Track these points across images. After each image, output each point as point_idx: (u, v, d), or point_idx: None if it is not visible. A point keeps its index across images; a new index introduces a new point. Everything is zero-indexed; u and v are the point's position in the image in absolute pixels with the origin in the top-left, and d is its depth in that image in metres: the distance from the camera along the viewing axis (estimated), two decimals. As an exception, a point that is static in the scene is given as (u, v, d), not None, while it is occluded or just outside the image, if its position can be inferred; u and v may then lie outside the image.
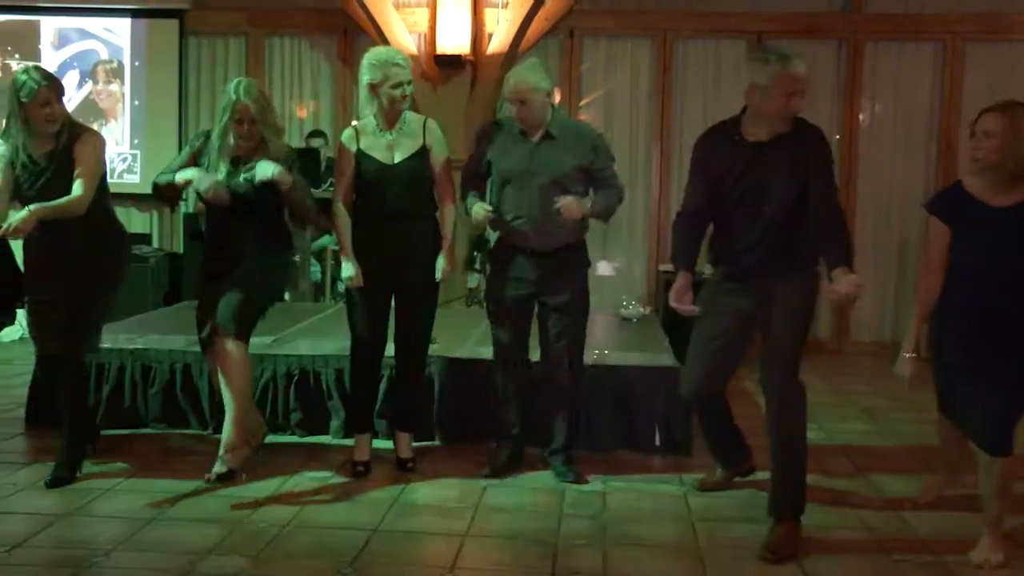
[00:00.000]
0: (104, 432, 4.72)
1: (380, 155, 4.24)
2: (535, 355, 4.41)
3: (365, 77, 4.18)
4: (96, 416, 4.82)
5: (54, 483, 4.08)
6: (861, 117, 7.98)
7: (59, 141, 4.03)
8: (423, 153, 4.26)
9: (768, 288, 3.65)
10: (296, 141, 7.97)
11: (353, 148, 4.27)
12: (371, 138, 4.26)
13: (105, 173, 4.21)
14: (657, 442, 4.74)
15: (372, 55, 4.25)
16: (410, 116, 4.31)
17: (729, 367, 3.95)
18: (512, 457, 4.41)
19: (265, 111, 4.08)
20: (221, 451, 4.10)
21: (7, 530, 3.63)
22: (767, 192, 3.61)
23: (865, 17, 7.87)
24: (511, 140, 4.20)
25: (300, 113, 8.50)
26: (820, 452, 4.52)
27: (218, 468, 4.06)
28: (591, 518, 3.90)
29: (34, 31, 8.45)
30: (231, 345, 4.05)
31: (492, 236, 4.46)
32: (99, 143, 4.17)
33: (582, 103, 8.17)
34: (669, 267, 7.61)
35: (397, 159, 4.24)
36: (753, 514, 3.88)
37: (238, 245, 4.16)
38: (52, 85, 4.01)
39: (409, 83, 4.19)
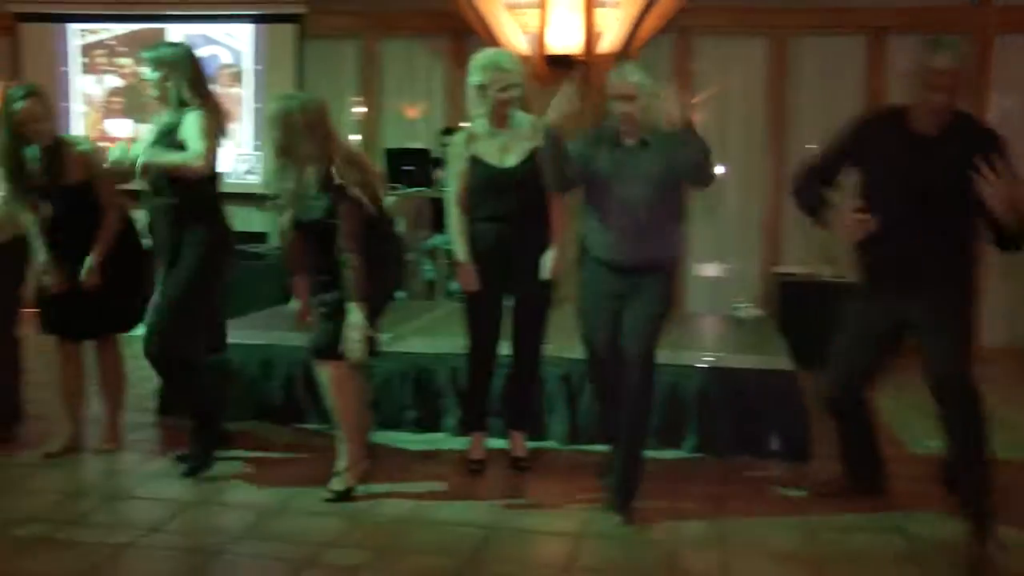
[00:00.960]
0: (230, 424, 4.86)
1: (492, 158, 4.26)
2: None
3: (474, 79, 4.20)
4: (224, 409, 4.98)
5: (189, 472, 4.26)
6: (991, 112, 7.74)
7: None
8: (535, 154, 4.22)
9: (928, 290, 3.58)
10: (424, 141, 8.15)
11: (465, 153, 4.30)
12: (483, 141, 4.27)
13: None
14: (774, 447, 4.70)
15: (480, 57, 4.26)
16: (521, 117, 4.30)
17: (874, 369, 3.88)
18: None
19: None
20: (339, 468, 4.13)
21: (143, 515, 3.82)
22: (931, 189, 3.49)
23: (994, 10, 7.64)
24: (607, 145, 4.01)
25: (411, 113, 8.65)
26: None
27: (336, 485, 4.08)
28: (708, 521, 3.89)
29: (161, 39, 8.80)
30: (321, 371, 4.09)
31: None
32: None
33: (693, 101, 8.12)
34: (783, 269, 7.61)
35: (510, 162, 4.25)
36: (879, 523, 3.84)
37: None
38: None
39: (518, 86, 4.19)
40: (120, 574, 3.30)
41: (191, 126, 4.04)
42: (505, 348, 4.49)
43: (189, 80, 4.09)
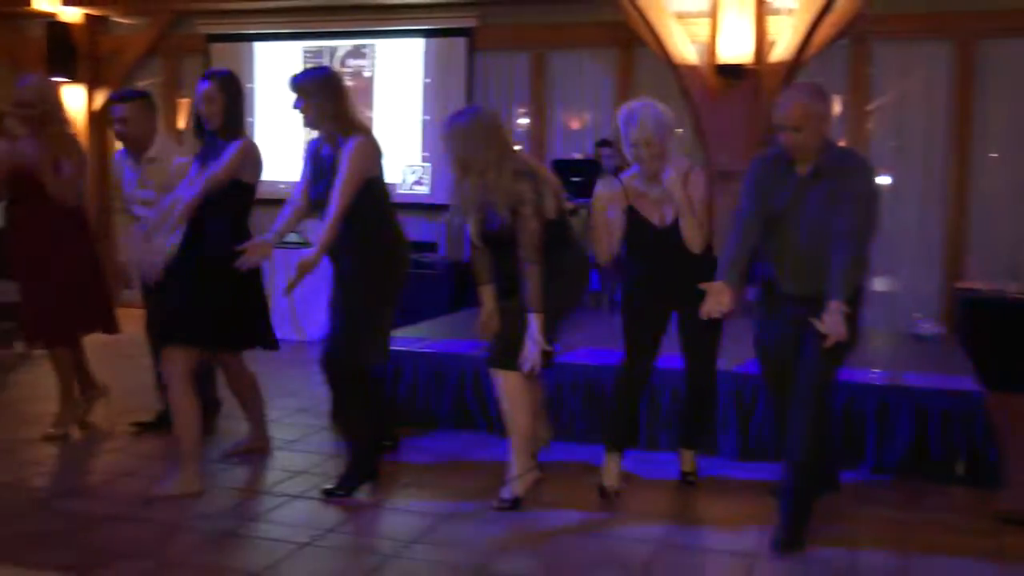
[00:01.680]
0: (400, 429, 4.98)
1: (650, 215, 4.13)
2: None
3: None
4: (391, 417, 5.10)
5: (330, 493, 4.17)
6: None
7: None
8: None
9: None
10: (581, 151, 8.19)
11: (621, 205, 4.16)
12: (638, 192, 4.14)
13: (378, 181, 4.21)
14: (959, 471, 4.48)
15: (623, 108, 4.10)
16: (675, 163, 4.11)
17: None
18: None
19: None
20: (510, 476, 4.11)
21: (319, 516, 3.93)
22: None
23: None
24: (780, 174, 3.83)
25: (575, 124, 8.68)
26: None
27: (506, 494, 4.07)
28: (888, 551, 3.70)
29: (330, 53, 9.15)
30: (496, 379, 4.10)
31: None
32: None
33: (869, 107, 7.87)
34: (966, 284, 7.28)
35: (663, 221, 4.12)
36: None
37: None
38: None
39: (647, 143, 3.97)
40: (298, 572, 3.40)
41: (345, 159, 4.02)
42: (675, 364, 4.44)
43: (332, 106, 4.08)
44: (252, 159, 4.33)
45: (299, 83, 4.11)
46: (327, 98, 4.07)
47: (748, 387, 4.71)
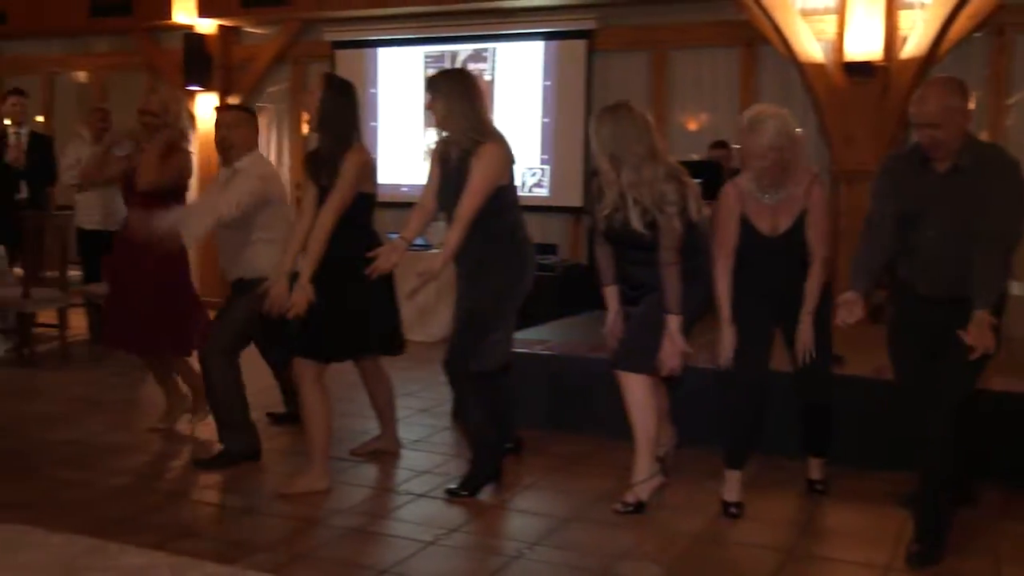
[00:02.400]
0: (523, 432, 4.98)
1: (760, 223, 4.05)
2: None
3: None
4: (513, 419, 5.12)
5: (453, 492, 4.23)
6: None
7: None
8: (803, 219, 4.01)
9: None
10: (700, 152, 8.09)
11: (736, 213, 4.08)
12: (752, 198, 4.07)
13: (508, 188, 4.22)
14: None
15: (745, 114, 4.05)
16: (798, 175, 4.02)
17: None
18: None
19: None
20: (634, 480, 4.11)
21: (444, 515, 3.98)
22: None
23: None
24: (914, 170, 3.71)
25: (693, 126, 8.59)
26: None
27: (629, 497, 4.07)
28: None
29: (451, 57, 9.26)
30: (622, 382, 4.09)
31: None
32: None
33: (1010, 101, 7.56)
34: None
35: (776, 230, 4.04)
36: None
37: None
38: None
39: (764, 155, 3.89)
40: (424, 570, 3.45)
41: (477, 167, 4.04)
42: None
43: (463, 106, 4.09)
44: (368, 170, 4.31)
45: (433, 80, 4.17)
46: (459, 97, 4.09)
47: (875, 393, 4.60)
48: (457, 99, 4.09)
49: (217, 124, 4.72)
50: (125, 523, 3.78)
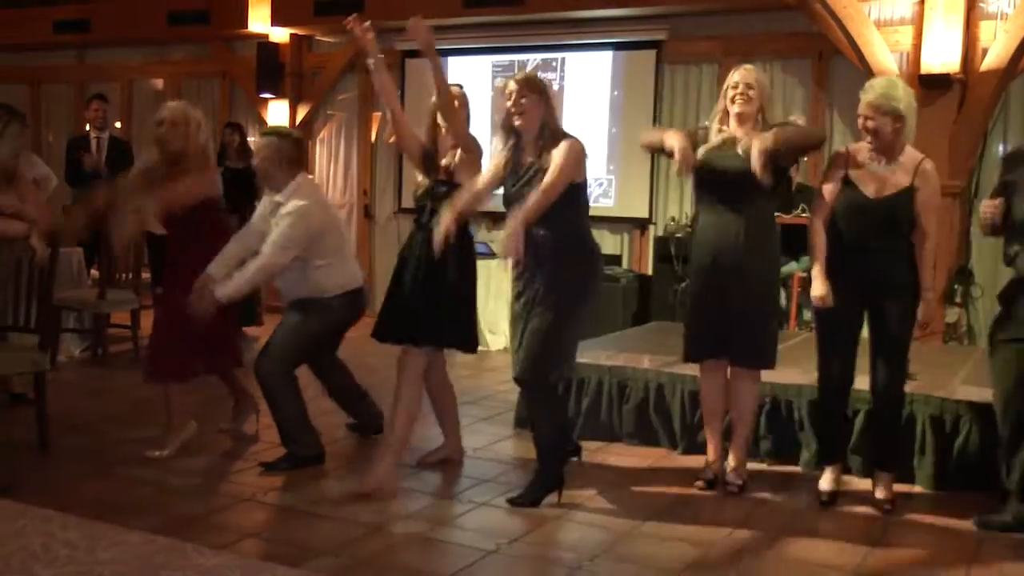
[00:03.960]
0: (583, 442, 5.02)
1: (865, 187, 4.21)
2: None
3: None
4: (575, 429, 5.16)
5: (516, 501, 4.25)
6: None
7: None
8: (909, 193, 4.17)
9: None
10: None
11: (840, 173, 4.27)
12: (862, 167, 4.26)
13: (583, 187, 4.26)
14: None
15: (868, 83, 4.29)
16: (909, 152, 4.23)
17: None
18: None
19: None
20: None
21: (505, 525, 4.01)
22: None
23: None
24: None
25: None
26: None
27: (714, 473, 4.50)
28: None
29: (520, 67, 9.32)
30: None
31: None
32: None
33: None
34: None
35: (880, 194, 4.20)
36: None
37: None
38: None
39: (861, 114, 4.17)
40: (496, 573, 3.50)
41: (559, 155, 4.08)
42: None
43: (547, 109, 4.17)
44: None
45: (525, 77, 4.23)
46: (545, 99, 4.19)
47: (949, 409, 4.55)
48: (543, 99, 4.18)
49: (255, 152, 4.74)
50: (196, 523, 3.88)
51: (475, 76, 9.39)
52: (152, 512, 3.96)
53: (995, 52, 6.68)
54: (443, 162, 4.58)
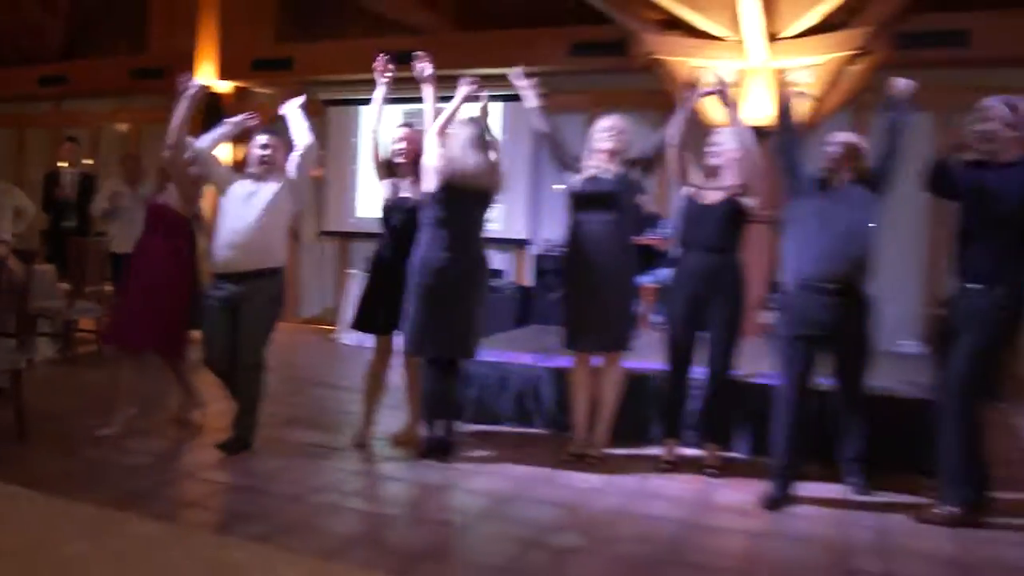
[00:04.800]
0: (473, 426, 5.01)
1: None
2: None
3: None
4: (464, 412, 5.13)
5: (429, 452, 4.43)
6: None
7: None
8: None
9: None
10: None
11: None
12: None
13: None
14: (928, 465, 4.29)
15: None
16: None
17: None
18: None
19: None
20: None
21: (404, 494, 3.99)
22: None
23: None
24: None
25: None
26: None
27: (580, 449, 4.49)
28: (877, 531, 3.66)
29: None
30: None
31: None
32: None
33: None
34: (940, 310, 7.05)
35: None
36: None
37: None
38: None
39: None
40: (395, 536, 3.46)
41: None
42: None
43: None
44: None
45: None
46: None
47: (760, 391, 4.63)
48: None
49: (265, 145, 4.65)
50: (143, 496, 3.74)
51: (388, 123, 9.27)
52: (106, 487, 3.81)
53: (797, 111, 6.88)
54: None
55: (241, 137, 4.99)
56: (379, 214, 4.74)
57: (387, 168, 4.76)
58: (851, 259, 3.92)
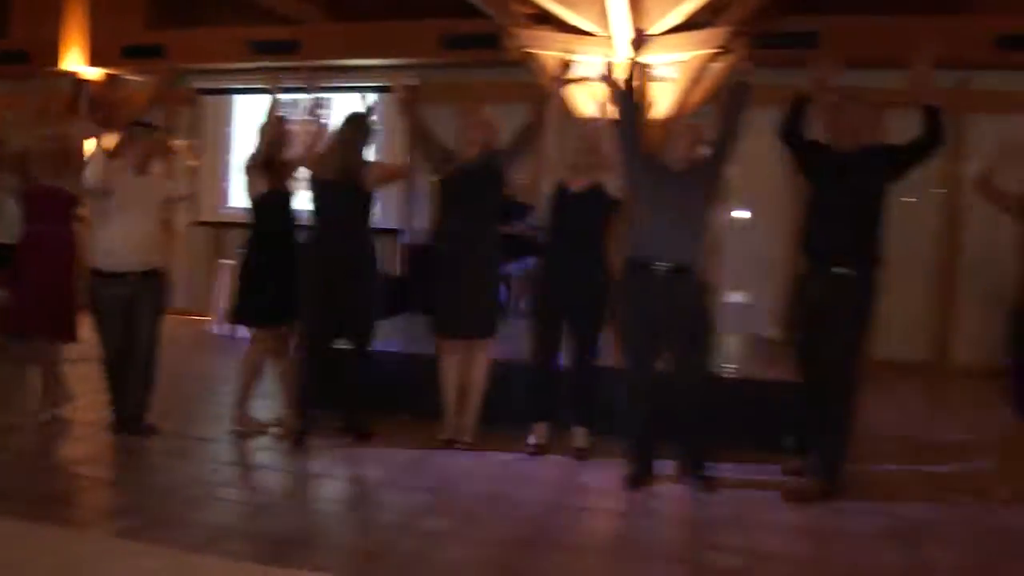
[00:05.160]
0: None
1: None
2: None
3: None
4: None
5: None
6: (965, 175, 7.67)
7: None
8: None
9: None
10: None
11: None
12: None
13: None
14: (787, 443, 4.61)
15: None
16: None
17: None
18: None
19: None
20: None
21: (274, 483, 3.99)
22: None
23: (968, 93, 7.43)
24: None
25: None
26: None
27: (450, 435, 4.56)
28: (730, 507, 3.85)
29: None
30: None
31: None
32: None
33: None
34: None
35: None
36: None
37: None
38: None
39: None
40: (266, 525, 3.42)
41: None
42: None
43: None
44: None
45: None
46: None
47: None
48: None
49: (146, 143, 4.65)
50: (6, 494, 3.60)
51: (258, 111, 9.10)
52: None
53: (662, 106, 7.14)
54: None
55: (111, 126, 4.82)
56: (253, 206, 4.70)
57: (265, 161, 4.68)
58: (687, 240, 3.97)
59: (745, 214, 8.32)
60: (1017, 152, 4.17)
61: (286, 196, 4.69)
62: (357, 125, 4.60)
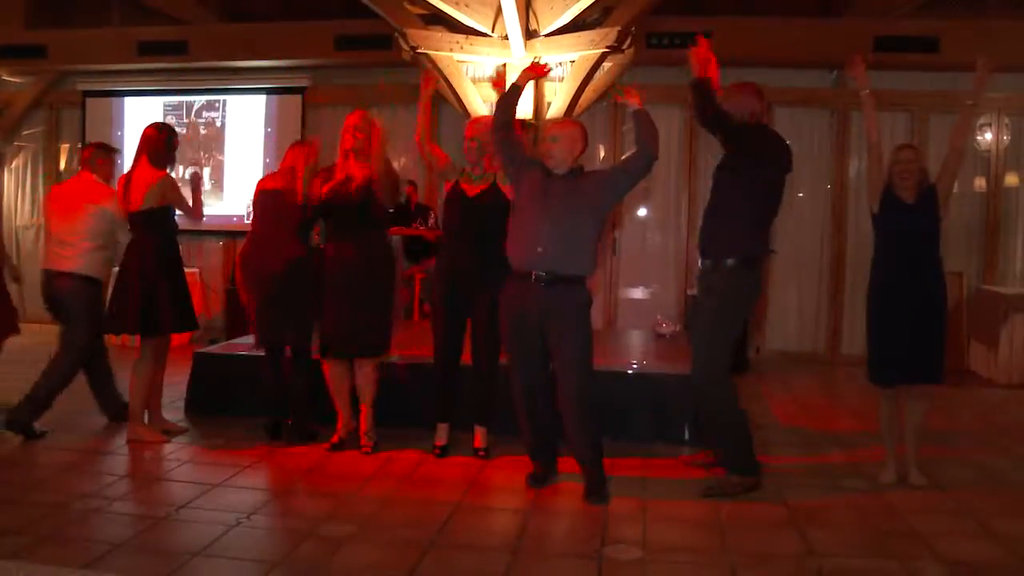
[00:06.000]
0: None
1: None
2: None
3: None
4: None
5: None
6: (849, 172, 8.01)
7: None
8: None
9: None
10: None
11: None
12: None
13: None
14: (687, 435, 4.76)
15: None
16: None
17: None
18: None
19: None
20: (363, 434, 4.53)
21: (174, 494, 3.84)
22: None
23: (850, 92, 7.81)
24: None
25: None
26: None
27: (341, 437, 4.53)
28: (634, 497, 3.92)
29: (187, 107, 8.84)
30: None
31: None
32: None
33: (624, 156, 8.20)
34: (694, 292, 7.68)
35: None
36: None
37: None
38: None
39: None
40: (161, 540, 3.31)
41: None
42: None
43: None
44: None
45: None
46: None
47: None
48: None
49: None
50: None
51: (148, 114, 8.79)
52: None
53: (556, 105, 7.21)
54: None
55: None
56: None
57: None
58: (565, 246, 3.80)
59: (641, 211, 8.50)
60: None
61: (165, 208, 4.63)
62: None
